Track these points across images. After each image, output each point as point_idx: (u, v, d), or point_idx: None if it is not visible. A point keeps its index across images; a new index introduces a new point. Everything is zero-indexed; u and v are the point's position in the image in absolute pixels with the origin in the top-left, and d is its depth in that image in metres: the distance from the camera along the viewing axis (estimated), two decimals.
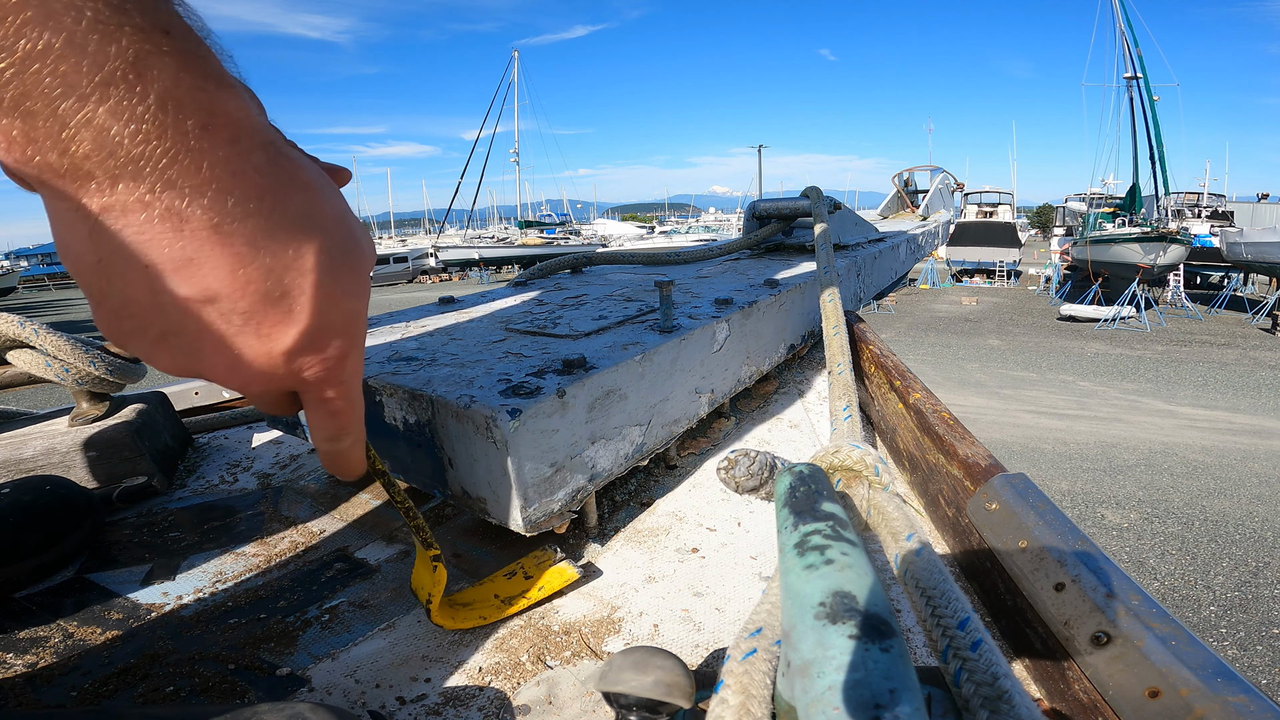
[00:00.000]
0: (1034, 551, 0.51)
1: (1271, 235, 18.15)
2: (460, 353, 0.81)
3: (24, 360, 0.89)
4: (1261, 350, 12.68)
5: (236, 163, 0.28)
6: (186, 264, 0.28)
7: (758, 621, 0.33)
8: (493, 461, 0.62)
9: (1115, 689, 0.41)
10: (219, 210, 0.28)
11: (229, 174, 0.28)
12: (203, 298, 0.30)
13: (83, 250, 0.28)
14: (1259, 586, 4.55)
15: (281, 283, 0.31)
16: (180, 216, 0.27)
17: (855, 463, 0.48)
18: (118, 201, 0.26)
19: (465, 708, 0.51)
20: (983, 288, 24.09)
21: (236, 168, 0.28)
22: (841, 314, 0.91)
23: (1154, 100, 26.83)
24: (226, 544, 0.78)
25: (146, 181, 0.26)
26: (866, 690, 0.22)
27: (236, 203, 0.28)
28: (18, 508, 0.71)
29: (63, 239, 0.29)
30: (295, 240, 0.31)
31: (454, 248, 34.73)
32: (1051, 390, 9.85)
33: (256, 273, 0.30)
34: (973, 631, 0.30)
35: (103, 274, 0.29)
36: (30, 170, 0.25)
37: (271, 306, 0.31)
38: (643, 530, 0.76)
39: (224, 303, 0.30)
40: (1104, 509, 5.78)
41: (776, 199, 1.68)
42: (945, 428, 0.73)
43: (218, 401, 1.36)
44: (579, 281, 1.36)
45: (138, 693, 0.54)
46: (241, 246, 0.29)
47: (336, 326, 0.34)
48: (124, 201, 0.26)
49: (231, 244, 0.29)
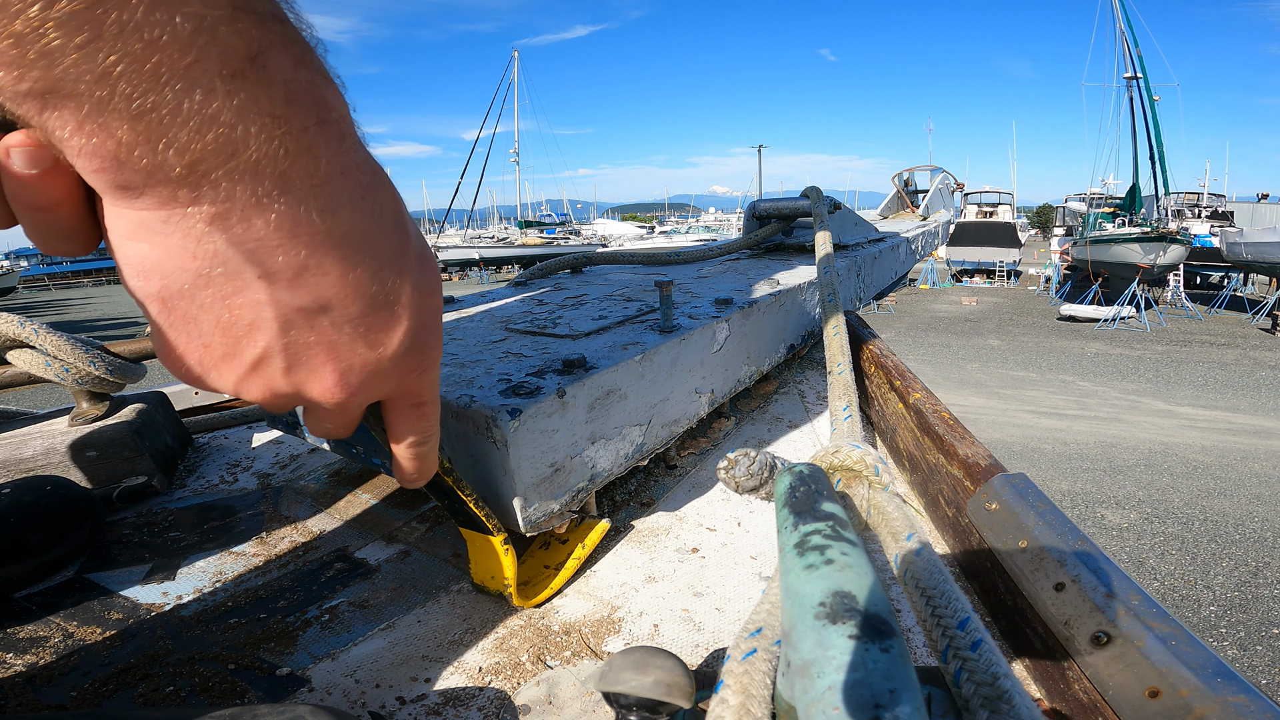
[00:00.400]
0: (1034, 551, 0.51)
1: (1271, 235, 18.15)
2: (460, 352, 0.81)
3: (24, 360, 0.89)
4: (1261, 350, 12.68)
5: (345, 160, 0.26)
6: (302, 271, 0.26)
7: (758, 621, 0.33)
8: (493, 461, 0.62)
9: (1115, 689, 0.41)
10: (333, 211, 0.26)
11: (340, 173, 0.26)
12: (316, 307, 0.28)
13: (179, 267, 0.25)
14: (1259, 586, 4.55)
15: (385, 285, 0.30)
16: (297, 220, 0.25)
17: (855, 463, 0.47)
18: (237, 207, 0.24)
19: (465, 708, 0.51)
20: (983, 288, 24.10)
21: (346, 165, 0.26)
22: (841, 314, 0.91)
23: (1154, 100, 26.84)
24: (226, 544, 0.78)
25: (267, 183, 0.24)
26: (866, 690, 0.22)
27: (346, 202, 0.27)
28: (18, 508, 0.71)
29: (147, 259, 0.25)
30: (392, 240, 0.30)
31: (454, 248, 34.72)
32: (1051, 390, 9.85)
33: (365, 276, 0.28)
34: (973, 631, 0.30)
35: (197, 295, 0.26)
36: (127, 177, 0.22)
37: (379, 310, 0.30)
38: (643, 530, 0.76)
39: (336, 311, 0.28)
40: (1104, 509, 5.78)
41: (776, 199, 1.68)
42: (945, 428, 0.73)
43: (218, 401, 1.36)
44: (579, 281, 1.36)
45: (138, 693, 0.54)
46: (352, 249, 0.27)
47: (430, 324, 0.33)
48: (244, 206, 0.24)
49: (343, 247, 0.27)
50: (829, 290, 1.00)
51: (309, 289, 0.27)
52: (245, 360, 0.29)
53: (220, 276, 0.26)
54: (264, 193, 0.24)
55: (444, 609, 0.64)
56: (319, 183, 0.25)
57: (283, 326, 0.28)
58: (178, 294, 0.26)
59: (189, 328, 0.27)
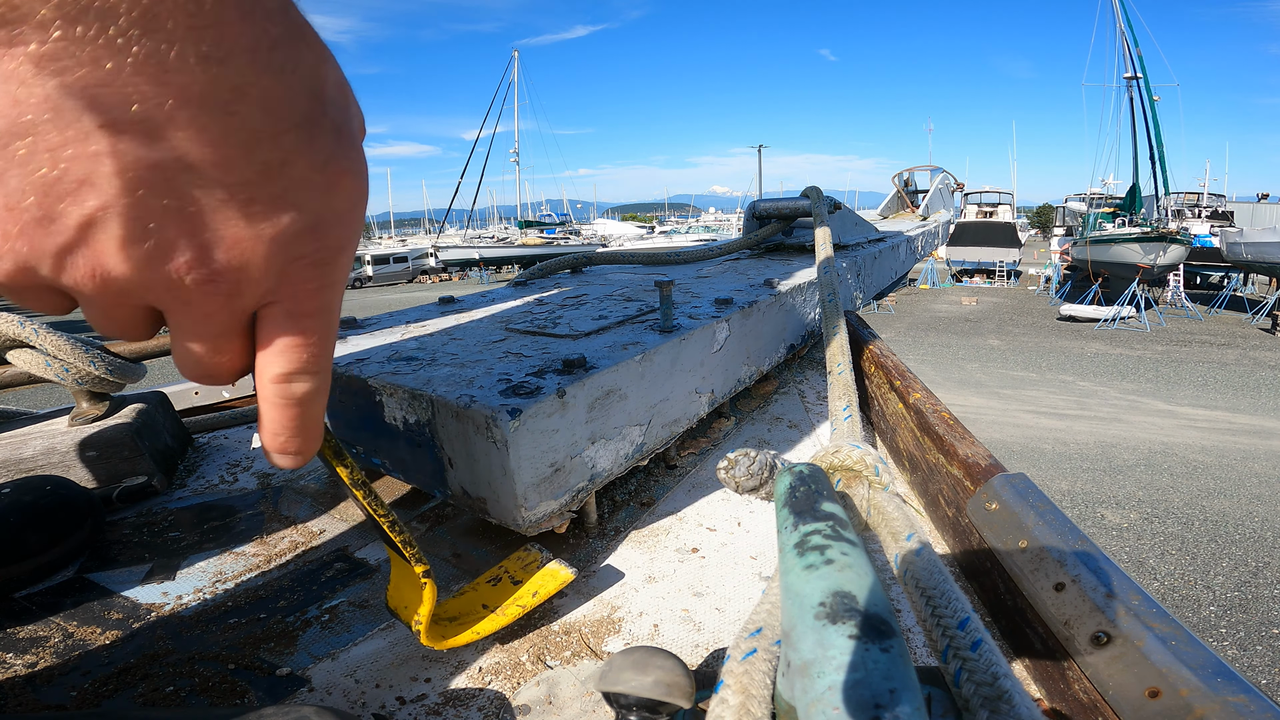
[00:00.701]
0: (1034, 551, 0.51)
1: (1271, 235, 18.15)
2: (460, 352, 0.81)
3: (24, 360, 0.89)
4: (1261, 350, 12.68)
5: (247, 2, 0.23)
6: (166, 124, 0.22)
7: (758, 621, 0.33)
8: (493, 461, 0.62)
9: (1115, 689, 0.41)
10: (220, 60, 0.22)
11: (239, 16, 0.22)
12: (178, 166, 0.23)
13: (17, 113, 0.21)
14: (1259, 586, 4.55)
15: (283, 152, 0.25)
16: (164, 65, 0.21)
17: (855, 463, 0.48)
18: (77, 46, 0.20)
19: (465, 708, 0.51)
20: (983, 288, 24.10)
21: (248, 8, 0.23)
22: (841, 314, 0.91)
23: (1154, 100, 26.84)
24: (226, 544, 0.78)
25: (123, 20, 0.21)
26: (866, 690, 0.22)
27: (243, 52, 0.23)
28: (18, 508, 0.71)
29: None
30: (303, 105, 0.25)
31: (454, 248, 34.73)
32: (1051, 390, 9.86)
33: (254, 138, 0.24)
34: (973, 631, 0.30)
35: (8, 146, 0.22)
36: None
37: (269, 181, 0.25)
38: (643, 530, 0.76)
39: (208, 174, 0.24)
40: (1104, 509, 5.78)
41: (776, 199, 1.68)
42: (945, 428, 0.73)
43: (218, 401, 1.36)
44: (579, 281, 1.36)
45: (138, 693, 0.54)
46: (243, 106, 0.23)
47: (339, 212, 0.28)
48: (88, 45, 0.20)
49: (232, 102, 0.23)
50: (829, 290, 1.00)
51: (171, 145, 0.23)
52: (68, 224, 0.23)
53: (47, 124, 0.21)
54: (117, 32, 0.20)
55: None
56: (203, 24, 0.22)
57: (127, 185, 0.23)
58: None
59: None
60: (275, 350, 0.29)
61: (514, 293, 1.25)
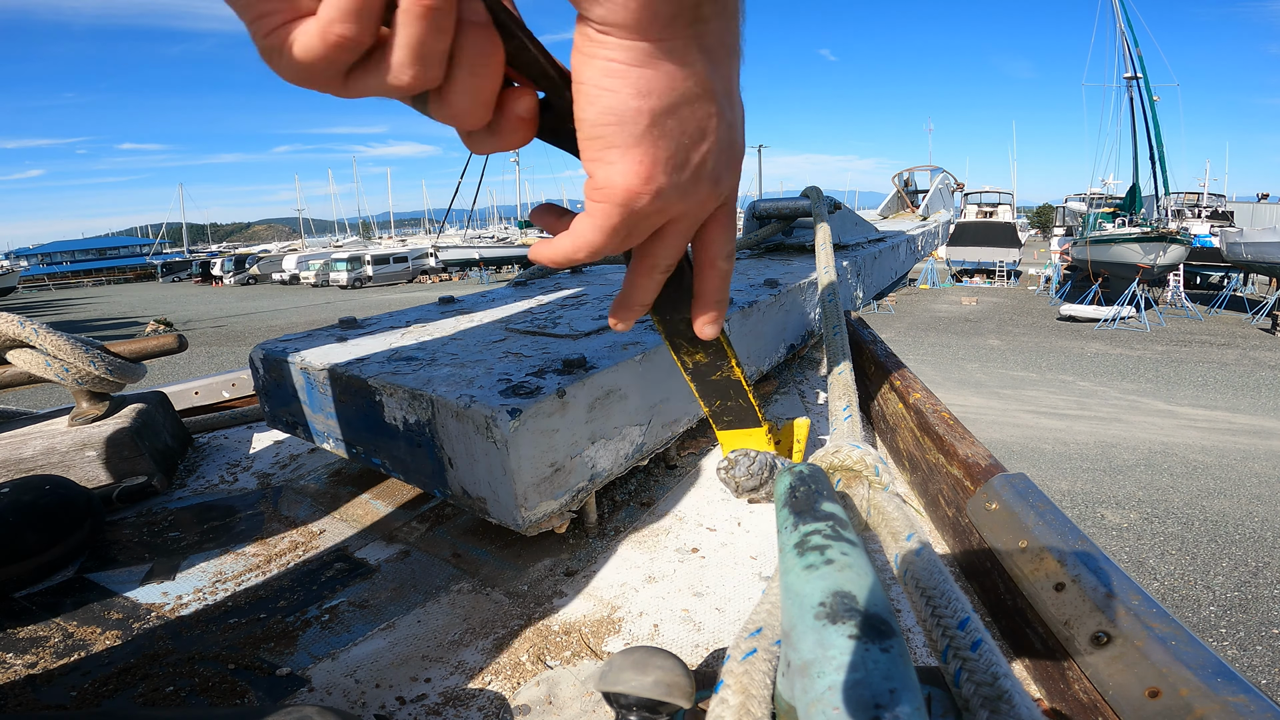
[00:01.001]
0: (1034, 551, 0.51)
1: (1271, 235, 18.15)
2: (460, 352, 0.81)
3: (24, 360, 0.89)
4: (1261, 350, 12.68)
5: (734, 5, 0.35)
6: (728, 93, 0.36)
7: (758, 621, 0.33)
8: (493, 461, 0.62)
9: (1115, 689, 0.41)
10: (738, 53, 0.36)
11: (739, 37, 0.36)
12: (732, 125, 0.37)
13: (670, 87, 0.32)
14: (1259, 586, 4.55)
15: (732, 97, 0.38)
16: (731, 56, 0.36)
17: (855, 463, 0.48)
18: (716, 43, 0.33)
19: (465, 708, 0.51)
20: (982, 288, 24.09)
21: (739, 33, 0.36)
22: (841, 314, 0.91)
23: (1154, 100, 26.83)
24: (226, 544, 0.78)
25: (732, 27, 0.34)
26: (866, 690, 0.22)
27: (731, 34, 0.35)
28: (18, 508, 0.71)
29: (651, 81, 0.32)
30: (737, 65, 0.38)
31: (454, 248, 34.72)
32: (1051, 390, 9.86)
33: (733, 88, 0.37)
34: (973, 631, 0.30)
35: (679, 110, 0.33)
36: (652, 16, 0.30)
37: (741, 117, 0.39)
38: (643, 530, 0.76)
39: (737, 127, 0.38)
40: (1104, 509, 5.78)
41: (776, 199, 1.68)
42: (945, 428, 0.73)
43: (218, 401, 1.36)
44: (579, 281, 1.36)
45: (138, 693, 0.54)
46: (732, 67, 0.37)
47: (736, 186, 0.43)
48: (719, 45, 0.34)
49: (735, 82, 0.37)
50: (829, 290, 1.00)
51: (732, 114, 0.37)
52: (692, 163, 0.36)
53: (701, 99, 0.34)
54: (731, 36, 0.34)
55: (444, 609, 0.64)
56: (737, 41, 0.36)
57: (721, 135, 0.36)
58: (664, 110, 0.33)
59: (664, 138, 0.34)
60: (721, 239, 0.43)
61: (514, 293, 1.25)
